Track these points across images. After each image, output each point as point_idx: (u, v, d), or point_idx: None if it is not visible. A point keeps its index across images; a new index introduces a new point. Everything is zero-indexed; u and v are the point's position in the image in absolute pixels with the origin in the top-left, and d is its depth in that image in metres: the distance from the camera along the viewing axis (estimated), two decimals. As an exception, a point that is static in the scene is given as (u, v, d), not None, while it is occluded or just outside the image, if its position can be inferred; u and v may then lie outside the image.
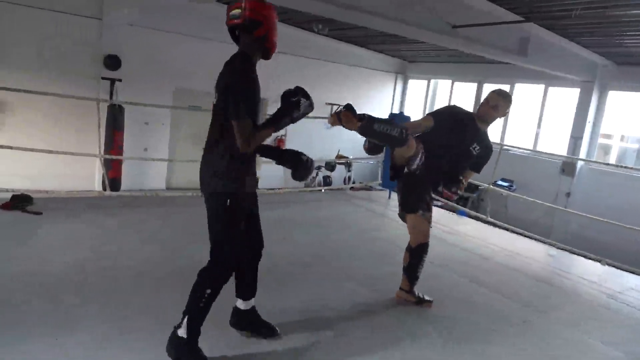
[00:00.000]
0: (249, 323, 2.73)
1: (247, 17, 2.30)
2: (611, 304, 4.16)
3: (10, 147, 4.98)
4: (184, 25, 8.68)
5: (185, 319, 2.31)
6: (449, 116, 3.35)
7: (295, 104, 2.38)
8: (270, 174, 9.85)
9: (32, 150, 5.13)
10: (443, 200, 5.34)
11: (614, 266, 5.27)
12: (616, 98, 8.97)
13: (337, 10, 5.83)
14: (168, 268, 3.70)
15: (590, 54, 8.22)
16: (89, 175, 8.21)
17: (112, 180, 7.20)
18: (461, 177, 3.33)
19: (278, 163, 2.56)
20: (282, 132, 7.86)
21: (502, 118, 3.58)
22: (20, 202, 4.65)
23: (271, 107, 10.19)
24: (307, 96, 2.44)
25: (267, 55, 2.51)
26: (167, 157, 8.91)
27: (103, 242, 4.15)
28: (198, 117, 9.49)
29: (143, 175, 8.78)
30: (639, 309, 4.12)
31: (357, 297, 3.61)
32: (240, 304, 2.70)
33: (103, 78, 8.06)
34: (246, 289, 2.69)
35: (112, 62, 8.07)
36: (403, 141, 2.89)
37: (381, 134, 2.91)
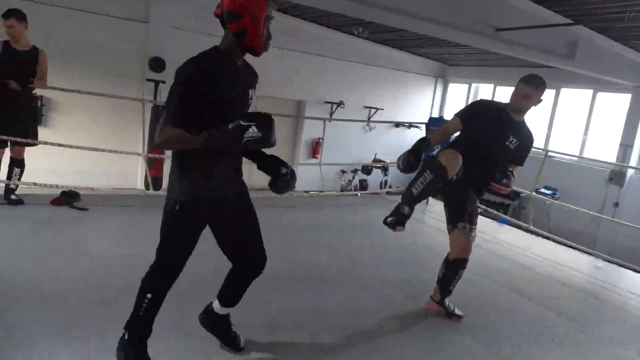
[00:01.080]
0: (219, 330, 2.56)
1: (223, 8, 2.00)
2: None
3: (60, 145, 5.20)
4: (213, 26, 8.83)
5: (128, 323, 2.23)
6: (477, 113, 3.15)
7: (237, 131, 1.93)
8: (308, 175, 9.92)
9: (78, 147, 5.33)
10: (483, 207, 5.21)
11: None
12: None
13: (376, 13, 5.80)
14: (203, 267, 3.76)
15: (642, 57, 7.85)
16: (133, 174, 8.50)
17: (155, 179, 7.40)
18: (510, 169, 3.12)
19: (258, 168, 2.40)
20: (319, 134, 7.86)
21: (547, 124, 3.40)
22: (68, 198, 4.85)
23: (309, 109, 10.28)
24: (265, 128, 2.02)
25: (252, 52, 2.14)
26: (206, 157, 9.07)
27: (144, 240, 4.27)
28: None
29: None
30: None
31: (391, 302, 3.57)
32: (217, 306, 2.51)
33: (148, 80, 8.32)
34: (229, 296, 2.50)
35: (157, 64, 8.33)
36: (442, 177, 2.83)
37: (424, 192, 2.97)
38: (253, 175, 10.88)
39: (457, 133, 3.25)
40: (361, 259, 4.51)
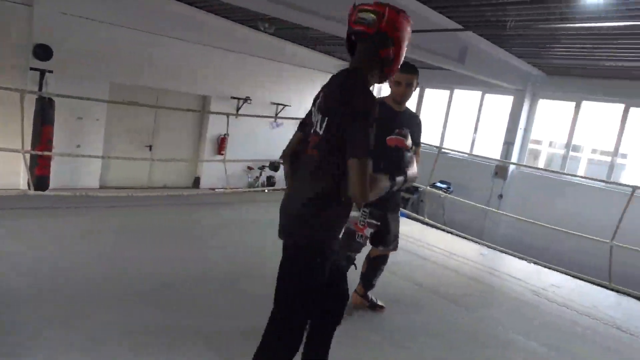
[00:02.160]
0: None
1: (380, 30, 1.81)
2: (534, 300, 4.40)
3: None
4: (122, 17, 8.30)
5: None
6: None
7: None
8: (213, 172, 9.68)
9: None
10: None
11: (538, 264, 5.59)
12: (546, 106, 9.53)
13: (279, 9, 5.79)
14: (88, 277, 3.52)
15: (523, 64, 8.68)
16: (16, 173, 7.69)
17: (39, 178, 6.77)
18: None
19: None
20: (225, 130, 7.70)
21: (442, 123, 3.49)
22: None
23: (214, 105, 10.03)
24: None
25: (382, 80, 1.98)
26: (101, 154, 8.49)
27: (23, 248, 3.89)
28: (136, 112, 9.15)
29: (75, 173, 8.33)
30: (559, 304, 4.39)
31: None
32: None
33: (32, 69, 7.56)
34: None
35: (43, 52, 7.59)
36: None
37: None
38: (153, 174, 10.36)
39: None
40: (268, 256, 4.48)
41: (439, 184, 9.51)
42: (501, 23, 6.26)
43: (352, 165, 1.69)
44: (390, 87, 3.07)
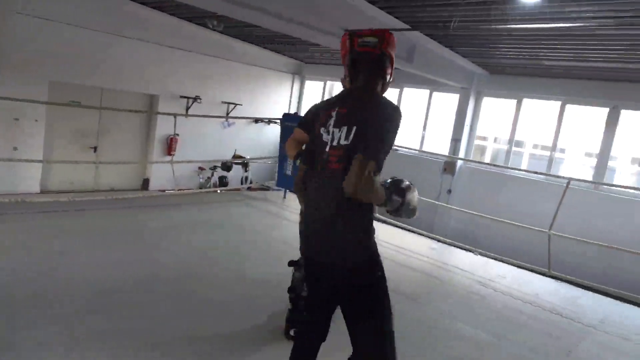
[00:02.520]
0: None
1: (383, 50, 2.07)
2: (481, 290, 4.58)
3: None
4: (62, 13, 7.91)
5: None
6: (314, 116, 3.13)
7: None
8: (163, 174, 9.43)
9: None
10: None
11: (485, 256, 5.82)
12: (490, 103, 9.90)
13: (227, 7, 5.69)
14: (29, 286, 3.35)
15: (467, 63, 8.98)
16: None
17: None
18: None
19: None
20: (173, 130, 7.50)
21: None
22: None
23: (163, 104, 9.76)
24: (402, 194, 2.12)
25: (382, 93, 2.17)
26: (41, 157, 8.07)
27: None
28: (80, 112, 8.76)
29: (13, 177, 7.87)
30: (504, 293, 4.59)
31: (249, 299, 3.57)
32: None
33: None
34: None
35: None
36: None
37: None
38: (99, 177, 9.95)
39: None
40: (219, 257, 4.43)
41: (390, 181, 9.67)
42: (446, 23, 6.44)
43: (357, 160, 1.78)
44: (344, 86, 3.08)
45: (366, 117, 1.90)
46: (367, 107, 1.95)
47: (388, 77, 2.12)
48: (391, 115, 1.90)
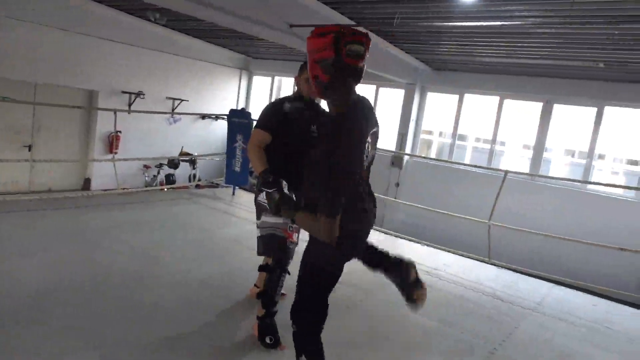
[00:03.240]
0: None
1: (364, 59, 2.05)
2: (427, 279, 4.71)
3: None
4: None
5: None
6: (276, 117, 3.00)
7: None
8: (105, 173, 9.04)
9: None
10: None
11: (431, 246, 6.00)
12: (434, 99, 10.21)
13: (174, 1, 5.55)
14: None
15: (412, 59, 9.20)
16: None
17: None
18: None
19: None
20: (113, 128, 7.20)
21: None
22: None
23: (103, 100, 9.34)
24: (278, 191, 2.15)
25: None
26: (-31, 156, 7.51)
27: None
28: (11, 108, 8.24)
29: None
30: (449, 281, 4.76)
31: (192, 301, 3.51)
32: None
33: None
34: None
35: None
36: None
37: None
38: (35, 177, 9.41)
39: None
40: (162, 258, 4.30)
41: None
42: (389, 20, 6.56)
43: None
44: (299, 86, 3.08)
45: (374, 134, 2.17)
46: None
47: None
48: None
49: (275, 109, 3.07)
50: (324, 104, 2.85)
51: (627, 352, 3.72)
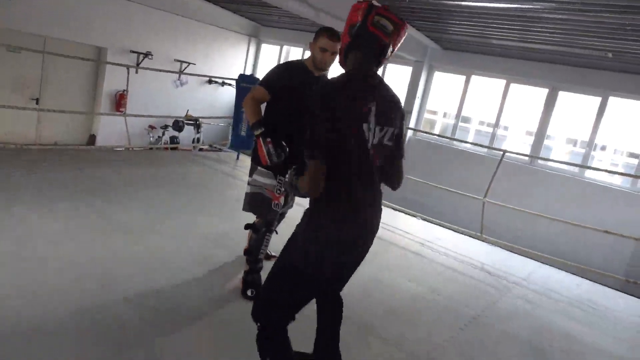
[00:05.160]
0: None
1: (392, 41, 1.99)
2: (420, 251, 4.92)
3: None
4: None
5: None
6: (280, 81, 2.99)
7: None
8: (111, 130, 9.16)
9: None
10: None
11: (427, 220, 6.18)
12: (441, 79, 10.24)
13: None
14: None
15: (422, 37, 9.19)
16: None
17: None
18: None
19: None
20: (123, 86, 7.28)
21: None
22: None
23: (111, 58, 9.37)
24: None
25: None
26: (-21, 105, 7.59)
27: None
28: (20, 60, 8.29)
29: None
30: (440, 253, 4.95)
31: (202, 250, 3.69)
32: None
33: None
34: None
35: None
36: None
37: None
38: (42, 130, 9.48)
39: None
40: (171, 212, 4.47)
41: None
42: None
43: (400, 165, 2.07)
44: (313, 53, 2.95)
45: (395, 117, 2.00)
46: (394, 106, 2.02)
47: (383, 64, 2.06)
48: (404, 115, 2.08)
49: (280, 72, 3.06)
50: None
51: (603, 327, 3.93)
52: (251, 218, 3.25)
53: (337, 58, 2.12)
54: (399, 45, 2.03)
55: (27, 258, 3.03)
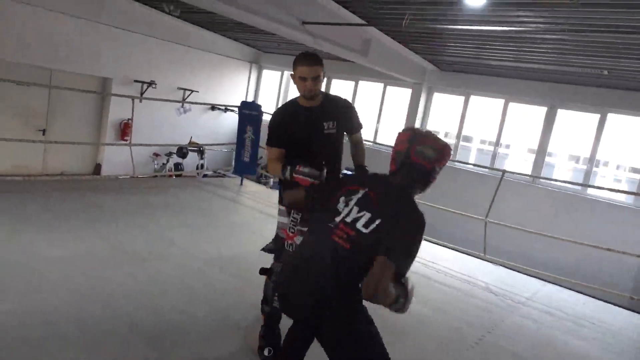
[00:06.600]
0: None
1: (436, 166, 2.16)
2: (424, 271, 4.93)
3: None
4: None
5: None
6: (283, 128, 2.88)
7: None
8: (117, 159, 9.29)
9: None
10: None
11: (430, 242, 6.20)
12: (441, 99, 10.37)
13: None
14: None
15: (420, 60, 9.37)
16: None
17: None
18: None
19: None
20: (128, 115, 7.43)
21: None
22: None
23: (116, 89, 9.57)
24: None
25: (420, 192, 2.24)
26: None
27: None
28: (27, 93, 8.48)
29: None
30: (445, 274, 4.96)
31: (205, 277, 3.72)
32: None
33: None
34: None
35: None
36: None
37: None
38: (48, 160, 9.63)
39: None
40: (176, 239, 4.52)
41: (345, 172, 9.96)
42: (399, 20, 6.73)
43: (380, 263, 1.81)
44: (296, 84, 2.80)
45: (396, 216, 1.94)
46: (401, 208, 1.99)
47: (429, 186, 2.18)
48: (422, 226, 1.95)
49: (276, 125, 2.92)
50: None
51: (610, 344, 3.91)
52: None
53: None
54: (444, 165, 2.17)
55: (35, 284, 3.08)
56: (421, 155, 2.08)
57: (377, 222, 1.92)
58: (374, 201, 2.00)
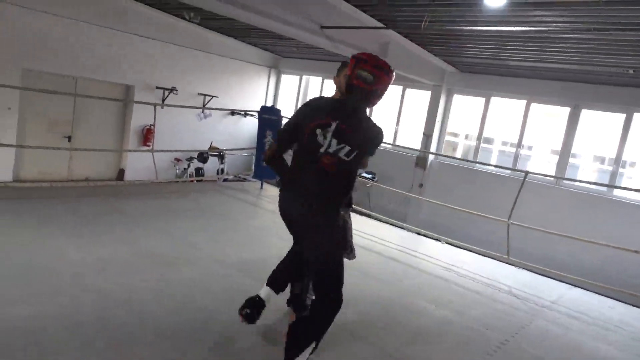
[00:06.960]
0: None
1: (376, 88, 2.51)
2: (444, 274, 4.89)
3: None
4: (36, 0, 7.86)
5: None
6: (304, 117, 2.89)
7: None
8: (139, 165, 9.47)
9: None
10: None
11: (451, 244, 6.14)
12: (461, 101, 10.27)
13: (207, 1, 5.83)
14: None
15: (439, 61, 9.31)
16: None
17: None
18: None
19: None
20: (150, 121, 7.58)
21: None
22: None
23: (139, 95, 9.77)
24: None
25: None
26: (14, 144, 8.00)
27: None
28: (54, 101, 8.72)
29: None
30: (466, 277, 4.90)
31: (228, 281, 3.76)
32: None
33: None
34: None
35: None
36: None
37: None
38: (74, 166, 9.89)
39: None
40: (199, 242, 4.59)
41: (364, 174, 9.96)
42: (418, 23, 6.71)
43: (351, 177, 2.55)
44: (340, 84, 3.11)
45: (365, 141, 2.47)
46: (365, 132, 2.48)
47: (375, 103, 2.58)
48: (379, 140, 2.53)
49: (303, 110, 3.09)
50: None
51: (638, 350, 3.81)
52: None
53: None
54: (387, 86, 2.53)
55: (59, 287, 3.15)
56: (361, 78, 2.44)
57: (356, 152, 2.42)
58: (347, 132, 2.41)
